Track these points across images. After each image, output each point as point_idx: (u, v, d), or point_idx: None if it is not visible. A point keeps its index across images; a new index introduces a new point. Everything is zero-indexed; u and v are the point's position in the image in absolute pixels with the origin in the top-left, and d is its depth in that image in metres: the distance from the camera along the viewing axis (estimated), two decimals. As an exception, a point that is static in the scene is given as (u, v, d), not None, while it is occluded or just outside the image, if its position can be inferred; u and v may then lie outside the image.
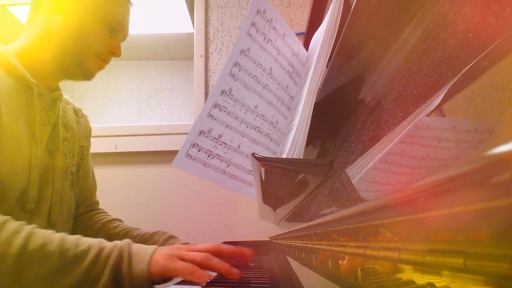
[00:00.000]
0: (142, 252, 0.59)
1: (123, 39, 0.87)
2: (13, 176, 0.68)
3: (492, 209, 0.09)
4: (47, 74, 0.80)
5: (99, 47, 0.80)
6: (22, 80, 0.73)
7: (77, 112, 0.96)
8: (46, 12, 0.78)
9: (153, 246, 0.62)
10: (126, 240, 0.62)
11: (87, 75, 0.84)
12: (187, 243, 0.83)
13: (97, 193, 1.04)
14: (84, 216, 0.97)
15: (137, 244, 0.62)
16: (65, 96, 0.89)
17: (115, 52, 0.84)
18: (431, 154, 0.15)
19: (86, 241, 0.58)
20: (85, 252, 0.56)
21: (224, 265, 0.60)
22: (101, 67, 0.84)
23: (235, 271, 0.60)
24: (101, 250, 0.58)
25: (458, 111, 0.16)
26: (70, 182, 0.86)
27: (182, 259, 0.59)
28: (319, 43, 0.55)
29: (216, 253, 0.63)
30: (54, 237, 0.57)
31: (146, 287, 0.58)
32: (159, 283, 0.62)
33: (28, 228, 0.56)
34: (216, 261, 0.60)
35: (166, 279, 0.61)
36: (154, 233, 0.89)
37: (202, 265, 0.59)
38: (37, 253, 0.54)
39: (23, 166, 0.70)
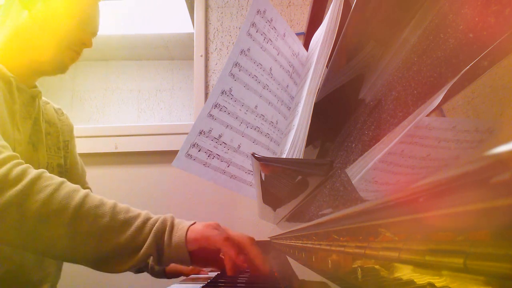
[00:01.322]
0: (183, 223, 0.63)
1: (94, 34, 0.88)
2: None
3: (492, 209, 0.09)
4: (23, 73, 0.81)
5: (69, 39, 0.82)
6: (1, 75, 0.75)
7: (57, 111, 0.98)
8: (15, 12, 0.80)
9: (194, 221, 0.64)
10: (170, 214, 0.65)
11: (61, 68, 0.85)
12: None
13: (97, 193, 1.04)
14: None
15: (180, 219, 0.65)
16: (44, 98, 0.91)
17: (86, 43, 0.85)
18: (431, 154, 0.15)
19: (135, 210, 0.63)
20: (134, 218, 0.61)
21: (261, 257, 0.61)
22: (73, 59, 0.86)
23: (266, 268, 0.61)
24: (147, 218, 0.61)
25: (458, 111, 0.16)
26: (58, 174, 0.88)
27: (221, 232, 0.61)
28: (319, 43, 0.55)
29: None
30: (108, 201, 0.61)
31: (185, 257, 0.60)
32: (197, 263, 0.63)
33: (84, 190, 0.61)
34: (257, 249, 0.61)
35: (203, 257, 0.63)
36: None
37: (241, 247, 0.61)
38: (92, 210, 0.58)
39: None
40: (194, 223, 0.63)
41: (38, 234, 0.55)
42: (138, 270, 0.80)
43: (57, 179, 0.59)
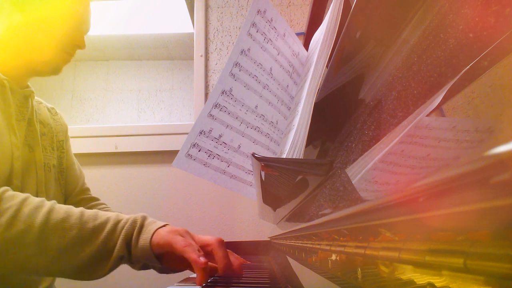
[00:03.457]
0: (152, 225, 0.62)
1: (86, 32, 0.88)
2: None
3: (492, 209, 0.09)
4: (16, 73, 0.81)
5: (63, 41, 0.82)
6: None
7: (50, 110, 0.98)
8: (7, 13, 0.79)
9: (165, 223, 0.64)
10: (142, 214, 0.65)
11: (55, 70, 0.85)
12: None
13: (97, 193, 1.04)
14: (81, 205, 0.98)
15: (152, 219, 0.65)
16: (37, 97, 0.91)
17: (79, 45, 0.86)
18: (431, 154, 0.15)
19: (103, 214, 0.62)
20: (103, 223, 0.60)
21: (227, 258, 0.60)
22: (67, 61, 0.86)
23: (238, 270, 0.61)
24: (117, 222, 0.61)
25: (458, 111, 0.16)
26: (53, 174, 0.88)
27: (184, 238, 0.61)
28: (319, 43, 0.55)
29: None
30: (74, 211, 0.60)
31: (150, 258, 0.60)
32: (169, 271, 0.64)
33: (49, 203, 0.60)
34: (224, 252, 0.61)
35: (169, 260, 0.63)
36: None
37: (209, 248, 0.61)
38: (58, 225, 0.57)
39: (5, 156, 0.72)
40: (164, 225, 0.63)
41: (8, 256, 0.55)
42: (143, 267, 0.79)
43: (19, 198, 0.58)
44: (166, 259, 0.63)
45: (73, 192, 0.97)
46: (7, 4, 0.79)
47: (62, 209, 0.60)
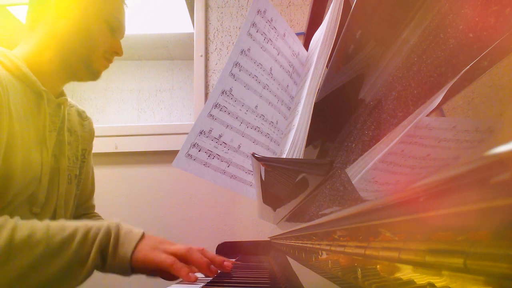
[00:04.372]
0: (130, 237, 0.62)
1: (121, 38, 0.89)
2: (25, 180, 0.69)
3: (492, 209, 0.09)
4: (54, 78, 0.81)
5: (104, 47, 0.82)
6: (32, 87, 0.75)
7: (81, 114, 0.97)
8: (50, 17, 0.79)
9: (141, 232, 0.64)
10: (116, 221, 0.65)
11: (94, 76, 0.86)
12: None
13: (97, 193, 1.04)
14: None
15: (127, 226, 0.65)
16: (69, 100, 0.90)
17: (118, 52, 0.86)
18: (431, 154, 0.15)
19: (71, 224, 0.61)
20: (72, 234, 0.60)
21: (203, 260, 0.62)
22: (106, 67, 0.87)
23: (213, 269, 0.62)
24: (88, 230, 0.61)
25: (458, 111, 0.16)
26: (73, 186, 0.87)
27: (165, 251, 0.62)
28: (319, 43, 0.55)
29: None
30: (39, 226, 0.59)
31: (127, 271, 0.61)
32: (139, 273, 0.64)
33: (11, 221, 0.58)
34: (196, 255, 0.62)
35: (148, 272, 0.63)
36: None
37: (183, 258, 0.62)
38: (24, 243, 0.56)
39: (35, 171, 0.71)
40: (141, 238, 0.63)
41: None
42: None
43: None
44: (137, 271, 0.64)
45: (79, 207, 0.96)
46: (51, 11, 0.78)
47: (26, 226, 0.59)
